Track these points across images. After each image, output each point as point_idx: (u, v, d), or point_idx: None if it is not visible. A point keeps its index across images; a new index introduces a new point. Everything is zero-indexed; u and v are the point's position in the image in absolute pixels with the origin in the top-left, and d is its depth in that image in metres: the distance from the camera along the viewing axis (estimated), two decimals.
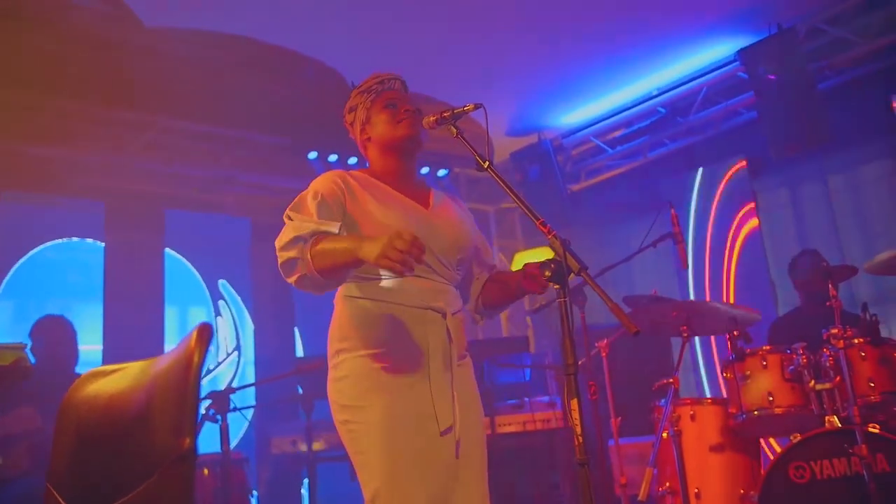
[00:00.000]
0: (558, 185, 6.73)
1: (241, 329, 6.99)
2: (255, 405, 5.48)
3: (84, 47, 5.04)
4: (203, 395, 4.17)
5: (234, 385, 6.51)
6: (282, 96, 5.92)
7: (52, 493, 1.27)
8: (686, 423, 3.82)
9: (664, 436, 3.75)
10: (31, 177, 5.48)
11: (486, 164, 2.17)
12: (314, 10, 4.91)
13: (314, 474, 4.79)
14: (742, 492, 3.71)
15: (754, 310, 4.04)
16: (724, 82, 5.89)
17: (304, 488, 5.38)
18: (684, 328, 3.90)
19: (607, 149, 6.80)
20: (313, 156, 6.35)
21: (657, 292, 4.35)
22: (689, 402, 3.92)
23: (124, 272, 5.96)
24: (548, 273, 1.96)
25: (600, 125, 6.65)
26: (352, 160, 6.46)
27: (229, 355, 6.83)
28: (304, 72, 5.54)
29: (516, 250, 7.58)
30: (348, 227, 2.24)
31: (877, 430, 3.24)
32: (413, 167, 2.49)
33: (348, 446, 2.20)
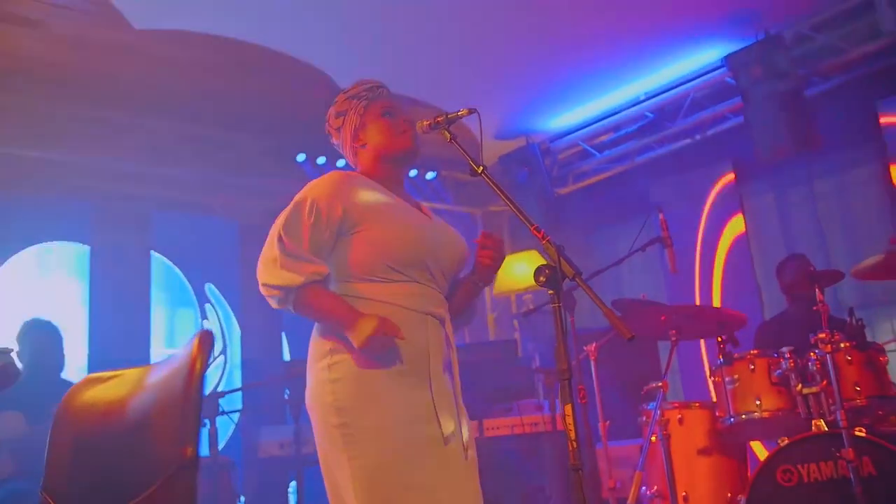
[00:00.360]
0: (546, 189, 6.74)
1: (228, 332, 6.95)
2: (241, 409, 5.44)
3: (71, 49, 5.01)
4: None
5: (221, 388, 6.50)
6: (270, 98, 5.91)
7: (48, 502, 1.25)
8: (674, 426, 3.83)
9: (652, 439, 3.77)
10: (16, 178, 5.43)
11: (481, 169, 2.18)
12: (302, 12, 4.90)
13: (302, 478, 4.77)
14: (730, 495, 3.73)
15: (742, 314, 4.06)
16: (711, 87, 5.92)
17: (292, 492, 5.36)
18: (673, 332, 3.92)
19: (595, 153, 6.82)
20: (301, 158, 6.34)
21: (646, 296, 4.36)
22: (677, 406, 3.94)
23: (110, 275, 5.91)
24: (542, 279, 1.97)
25: (588, 129, 6.67)
26: (340, 163, 6.44)
27: (216, 359, 6.78)
28: (292, 74, 5.52)
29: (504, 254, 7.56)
30: (353, 229, 2.21)
31: (863, 434, 3.27)
32: (403, 176, 2.48)
33: (341, 450, 2.10)
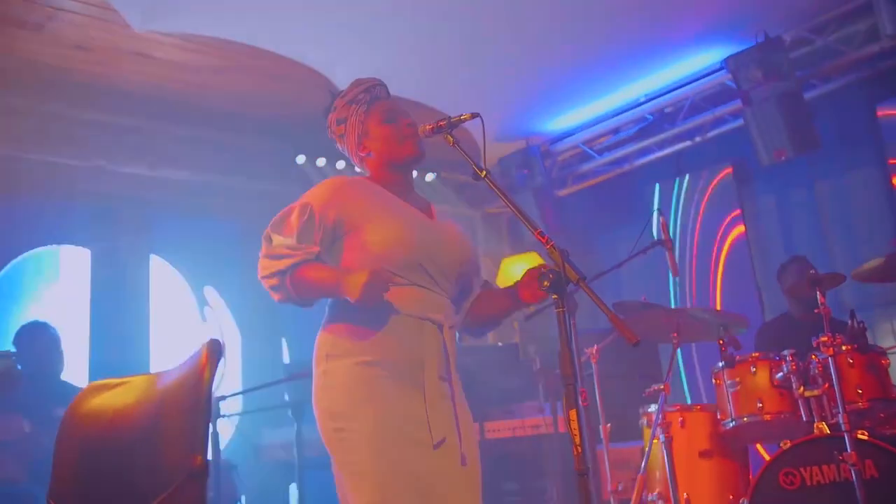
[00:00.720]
0: (546, 191, 6.74)
1: (228, 336, 6.93)
2: (242, 412, 5.44)
3: (71, 51, 5.00)
4: None
5: (220, 391, 6.47)
6: (270, 100, 5.90)
7: None
8: (676, 429, 3.82)
9: (654, 441, 3.76)
10: (15, 182, 5.41)
11: (484, 173, 2.17)
12: (302, 14, 4.90)
13: (303, 481, 4.76)
14: (731, 498, 3.71)
15: (743, 316, 4.06)
16: (711, 90, 5.93)
17: (293, 496, 5.34)
18: (674, 335, 3.92)
19: (594, 155, 6.82)
20: (301, 160, 6.33)
21: (646, 298, 4.36)
22: (679, 409, 3.92)
23: (110, 278, 5.89)
24: (546, 283, 1.96)
25: (588, 131, 6.67)
26: (340, 164, 6.44)
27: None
28: (292, 76, 5.52)
29: (503, 255, 7.56)
30: (349, 234, 2.24)
31: (865, 437, 3.27)
32: (412, 179, 2.49)
33: (339, 455, 2.15)
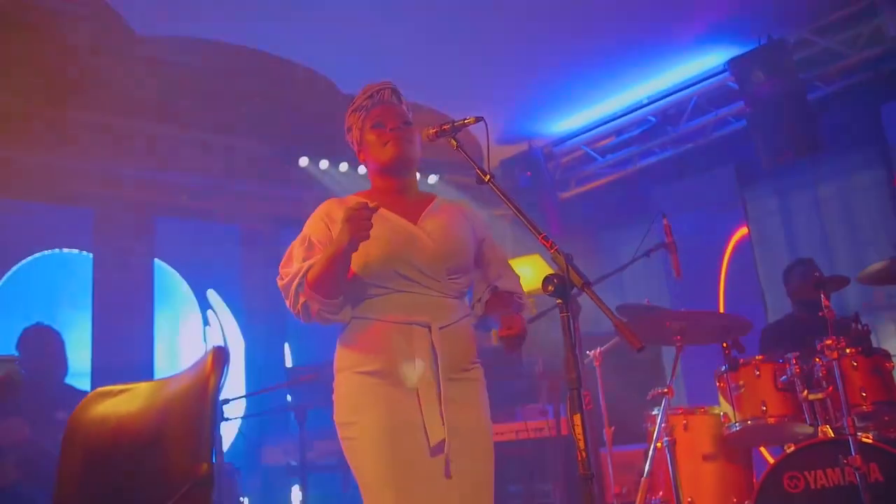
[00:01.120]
0: (548, 193, 6.74)
1: (230, 339, 6.93)
2: (245, 415, 5.43)
3: (74, 55, 5.01)
4: None
5: (223, 395, 6.47)
6: (272, 103, 5.91)
7: None
8: (679, 432, 3.81)
9: (658, 445, 3.75)
10: (19, 185, 5.42)
11: (488, 177, 2.16)
12: (304, 17, 4.90)
13: (305, 485, 4.77)
14: (735, 501, 3.71)
15: (747, 319, 4.04)
16: (714, 91, 5.93)
17: (295, 499, 5.34)
18: (678, 338, 3.90)
19: (597, 157, 6.81)
20: (304, 162, 6.33)
21: (649, 301, 4.35)
22: (683, 412, 3.92)
23: (113, 282, 5.90)
24: (550, 288, 1.96)
25: (591, 133, 6.67)
26: (342, 167, 6.45)
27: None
28: (294, 79, 5.52)
29: (507, 258, 7.56)
30: None
31: (870, 441, 3.26)
32: (411, 181, 2.48)
33: (350, 462, 2.23)
